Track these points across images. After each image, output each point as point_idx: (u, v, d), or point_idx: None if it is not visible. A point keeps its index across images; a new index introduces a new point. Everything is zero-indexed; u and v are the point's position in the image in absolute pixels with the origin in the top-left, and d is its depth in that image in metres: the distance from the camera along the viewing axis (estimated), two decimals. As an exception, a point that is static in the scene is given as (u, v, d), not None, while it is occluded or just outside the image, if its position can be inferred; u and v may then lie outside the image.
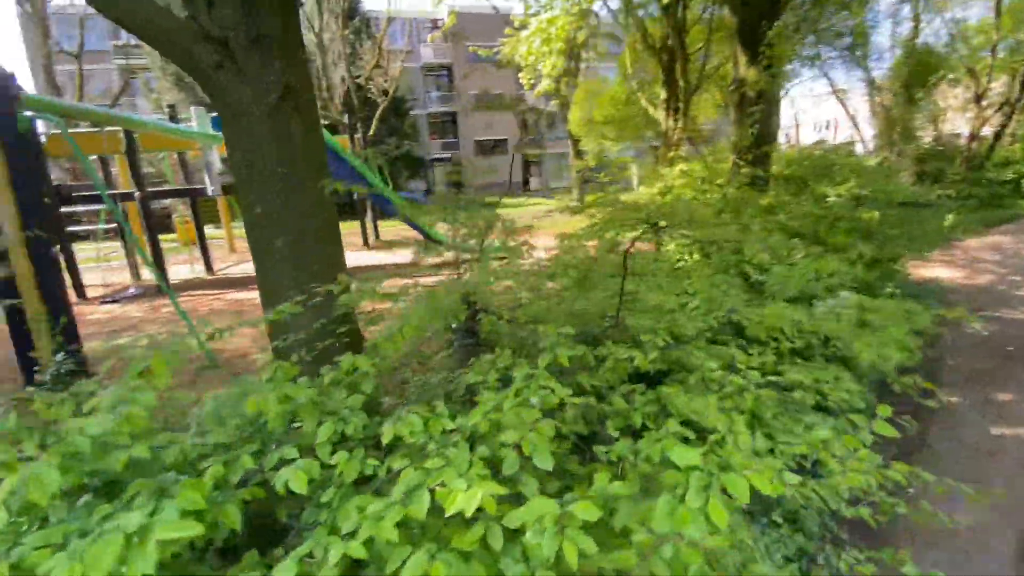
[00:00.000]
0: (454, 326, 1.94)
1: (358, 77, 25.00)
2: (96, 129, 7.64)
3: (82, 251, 12.34)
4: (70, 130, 8.98)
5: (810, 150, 6.64)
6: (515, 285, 1.75)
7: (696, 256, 4.06)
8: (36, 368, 4.04)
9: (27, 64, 25.03)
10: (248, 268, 11.06)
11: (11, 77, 4.42)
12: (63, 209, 9.18)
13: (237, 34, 2.06)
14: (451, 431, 1.33)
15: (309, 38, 24.21)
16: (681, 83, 11.62)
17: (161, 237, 12.86)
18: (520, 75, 12.85)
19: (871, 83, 15.76)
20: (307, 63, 2.32)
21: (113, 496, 1.25)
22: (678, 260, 4.18)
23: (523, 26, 10.24)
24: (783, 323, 2.22)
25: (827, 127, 33.79)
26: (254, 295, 4.29)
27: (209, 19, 2.05)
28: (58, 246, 4.94)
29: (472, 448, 1.30)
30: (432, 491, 1.06)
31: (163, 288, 4.98)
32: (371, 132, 25.00)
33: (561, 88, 13.15)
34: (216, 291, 9.38)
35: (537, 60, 10.12)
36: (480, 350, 1.99)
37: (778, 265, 3.14)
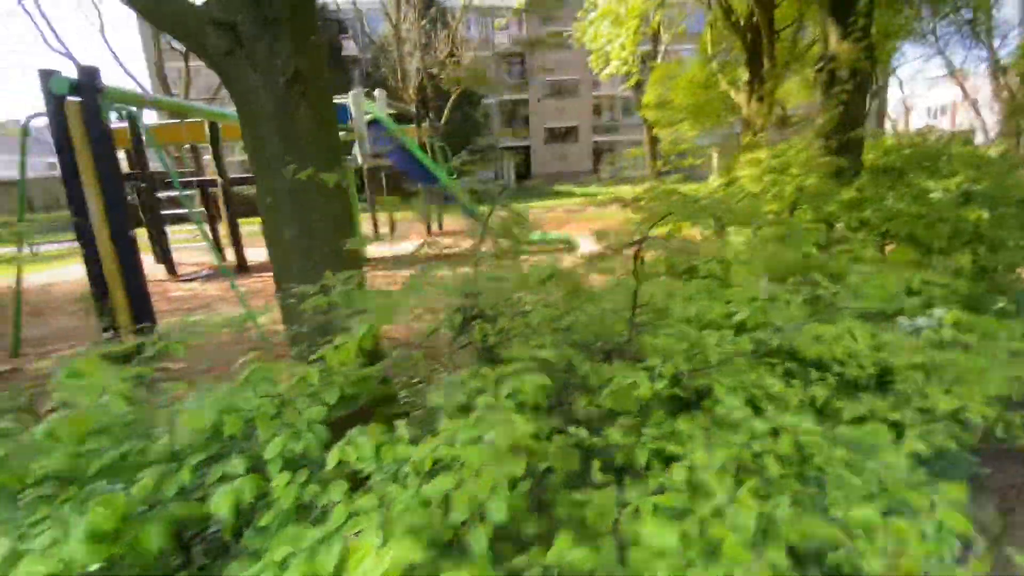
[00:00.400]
0: (441, 331, 1.76)
1: (432, 67, 25.44)
2: (176, 120, 8.23)
3: (181, 232, 13.53)
4: (169, 121, 9.75)
5: (916, 137, 5.76)
6: (489, 291, 1.51)
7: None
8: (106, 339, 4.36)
9: (144, 63, 27.70)
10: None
11: (96, 72, 4.79)
12: (161, 194, 10.06)
13: (245, 18, 1.99)
14: (408, 460, 1.16)
15: (387, 28, 24.94)
16: (767, 63, 10.63)
17: (251, 221, 13.67)
18: (590, 59, 12.37)
19: (995, 63, 13.60)
20: (320, 48, 2.21)
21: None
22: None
23: (592, 7, 9.77)
24: (839, 346, 1.84)
25: (942, 112, 29.82)
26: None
27: (217, 3, 2.00)
28: (135, 229, 5.32)
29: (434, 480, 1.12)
30: (347, 539, 0.89)
31: (222, 269, 5.23)
32: (443, 120, 25.42)
33: (633, 70, 12.47)
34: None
35: (607, 42, 9.62)
36: (484, 357, 1.80)
37: (856, 273, 2.67)
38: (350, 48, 30.17)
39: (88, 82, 4.70)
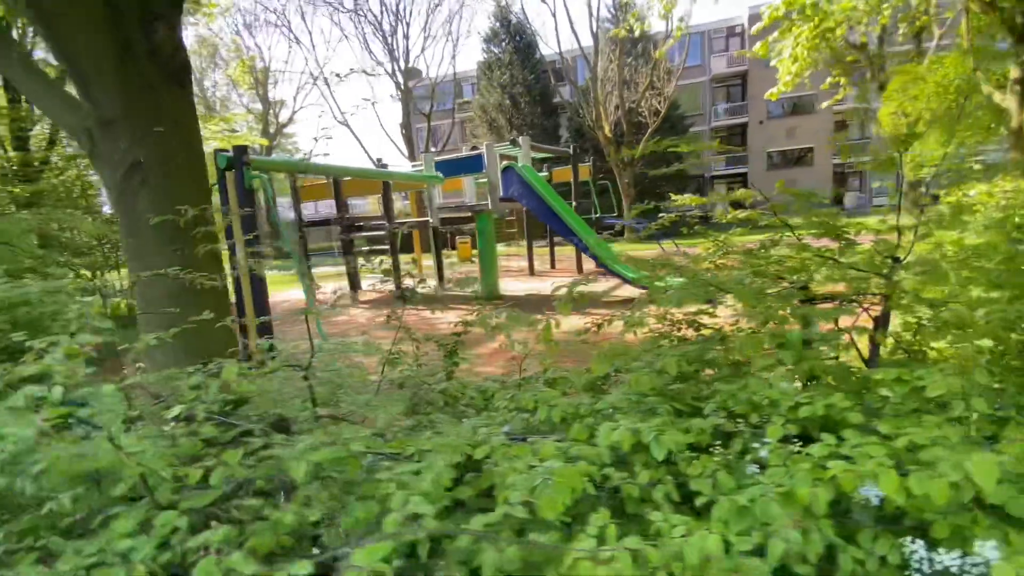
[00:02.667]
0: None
1: (634, 102, 25.13)
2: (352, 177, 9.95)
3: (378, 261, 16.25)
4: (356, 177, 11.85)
5: None
6: None
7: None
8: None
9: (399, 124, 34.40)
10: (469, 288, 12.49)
11: (244, 150, 6.14)
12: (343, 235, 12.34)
13: (94, 123, 2.26)
14: None
15: (588, 71, 25.70)
16: (1050, 50, 7.32)
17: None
18: (778, 74, 10.46)
19: None
20: (169, 138, 2.35)
21: None
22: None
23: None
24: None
25: None
26: (444, 314, 4.80)
27: (85, 112, 2.32)
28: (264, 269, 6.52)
29: None
30: None
31: (309, 305, 5.98)
32: (637, 155, 24.72)
33: (841, 80, 9.96)
34: (425, 306, 10.69)
35: (776, 54, 7.99)
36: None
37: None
38: (565, 95, 31.90)
39: (237, 158, 6.07)
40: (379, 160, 11.12)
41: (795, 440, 1.75)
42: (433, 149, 28.59)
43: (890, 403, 1.86)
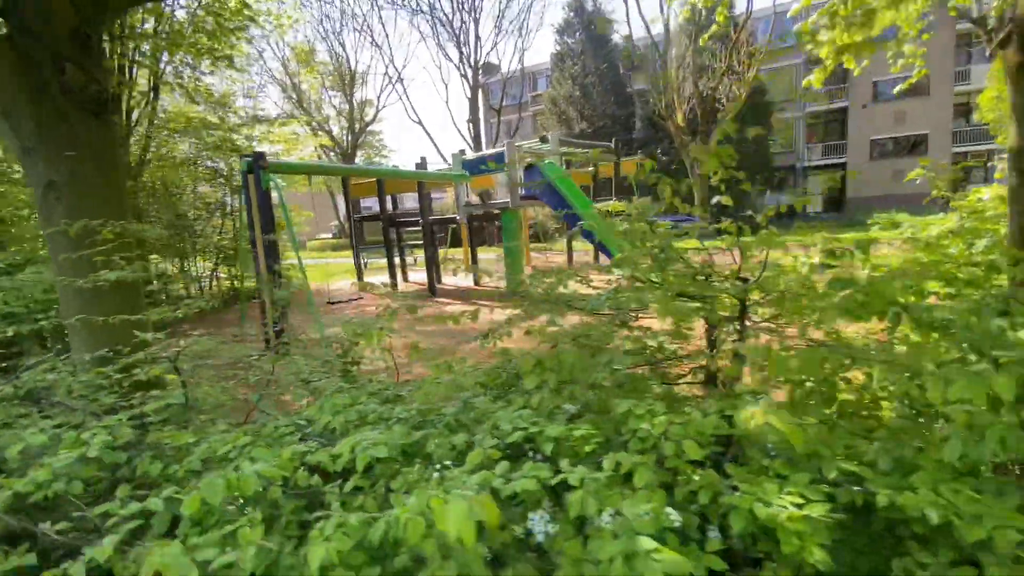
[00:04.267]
0: None
1: (708, 88, 23.61)
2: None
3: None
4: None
5: None
6: None
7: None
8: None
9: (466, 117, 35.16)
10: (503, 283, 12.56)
11: (262, 155, 6.78)
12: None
13: (18, 149, 2.76)
14: None
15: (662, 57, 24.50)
16: None
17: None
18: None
19: None
20: (82, 162, 2.80)
21: None
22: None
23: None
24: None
25: None
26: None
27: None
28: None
29: None
30: None
31: (309, 301, 6.52)
32: (712, 143, 23.21)
33: (917, 62, 8.65)
34: (453, 300, 10.88)
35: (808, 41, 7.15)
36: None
37: None
38: (639, 83, 30.68)
39: (256, 162, 6.73)
40: (423, 159, 11.64)
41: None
42: (507, 141, 28.96)
43: (636, 438, 1.81)
